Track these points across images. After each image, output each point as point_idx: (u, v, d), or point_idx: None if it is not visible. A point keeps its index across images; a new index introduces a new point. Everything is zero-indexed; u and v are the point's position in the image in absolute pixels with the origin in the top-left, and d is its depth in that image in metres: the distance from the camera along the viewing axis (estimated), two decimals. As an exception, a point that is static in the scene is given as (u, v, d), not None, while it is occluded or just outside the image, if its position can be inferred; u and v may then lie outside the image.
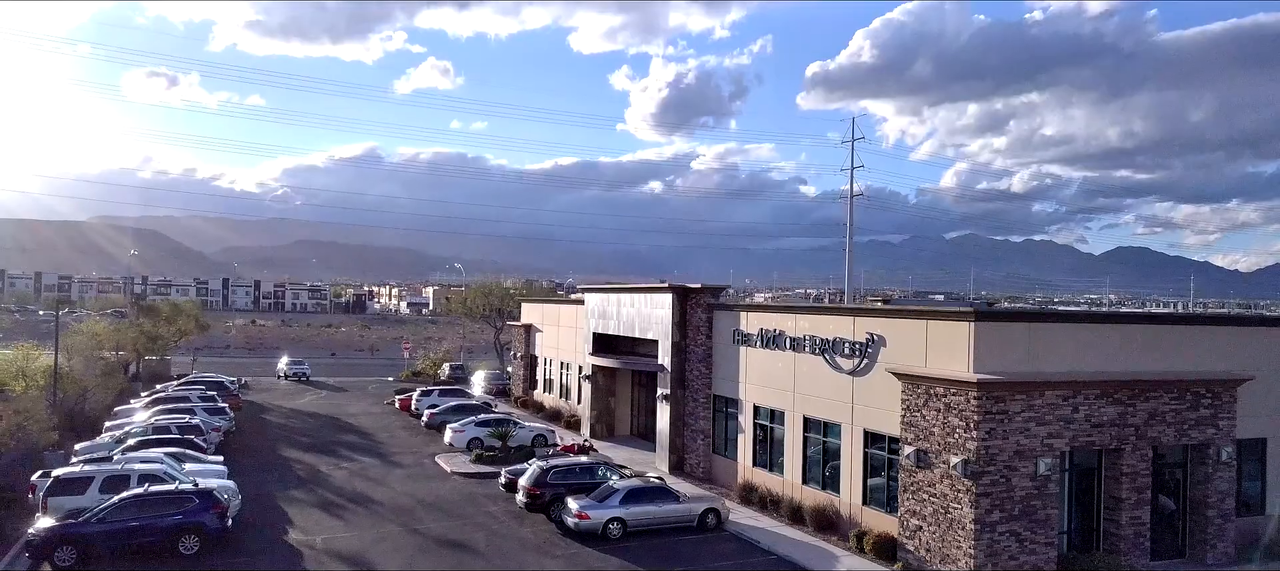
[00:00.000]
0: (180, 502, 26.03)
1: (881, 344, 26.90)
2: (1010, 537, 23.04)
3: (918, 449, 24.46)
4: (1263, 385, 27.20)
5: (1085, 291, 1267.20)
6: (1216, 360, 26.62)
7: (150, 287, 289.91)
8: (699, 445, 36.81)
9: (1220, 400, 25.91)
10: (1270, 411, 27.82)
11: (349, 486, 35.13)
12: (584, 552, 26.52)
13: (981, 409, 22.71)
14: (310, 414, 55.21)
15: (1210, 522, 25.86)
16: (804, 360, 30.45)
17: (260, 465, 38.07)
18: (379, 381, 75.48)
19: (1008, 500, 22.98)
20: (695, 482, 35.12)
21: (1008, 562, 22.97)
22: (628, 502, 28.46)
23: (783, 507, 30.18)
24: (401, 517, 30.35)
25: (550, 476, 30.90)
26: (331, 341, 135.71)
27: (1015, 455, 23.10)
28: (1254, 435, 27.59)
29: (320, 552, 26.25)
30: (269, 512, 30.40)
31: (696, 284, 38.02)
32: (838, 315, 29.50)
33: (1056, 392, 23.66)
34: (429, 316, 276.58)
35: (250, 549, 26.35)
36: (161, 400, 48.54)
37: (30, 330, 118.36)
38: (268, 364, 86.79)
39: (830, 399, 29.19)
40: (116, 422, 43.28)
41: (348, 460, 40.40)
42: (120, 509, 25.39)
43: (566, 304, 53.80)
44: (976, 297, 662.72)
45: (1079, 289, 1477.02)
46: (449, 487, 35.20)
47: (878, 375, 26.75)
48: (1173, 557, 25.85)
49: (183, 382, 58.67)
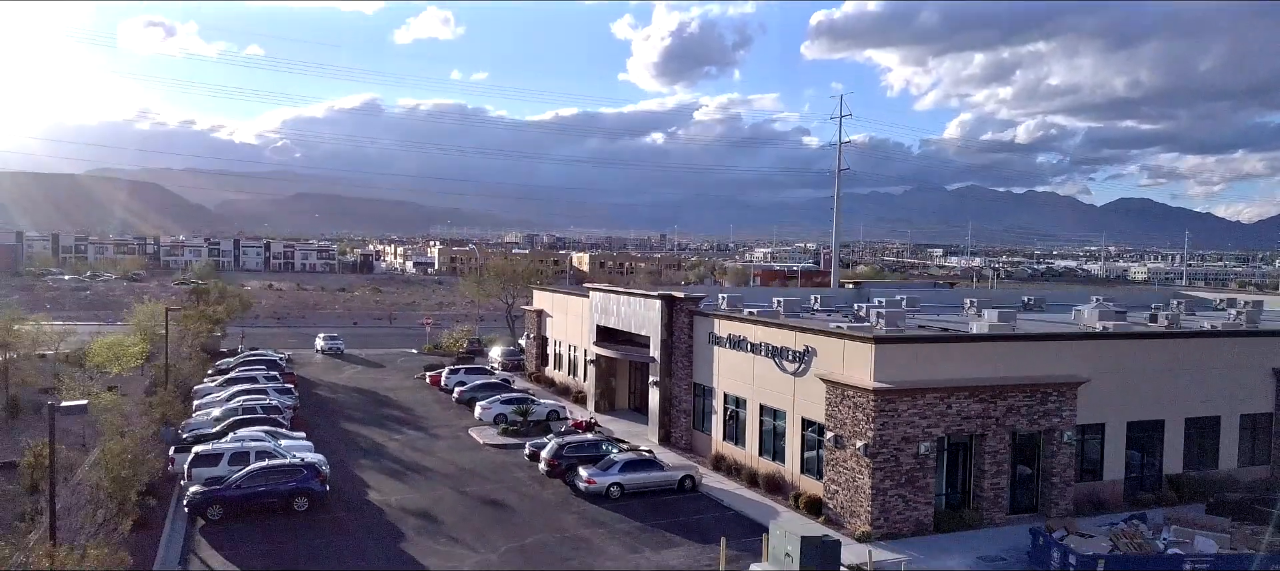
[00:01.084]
0: (294, 473, 35.14)
1: (814, 354, 35.82)
2: (898, 499, 32.13)
3: (836, 434, 33.48)
4: (1101, 384, 36.14)
5: (1085, 244, 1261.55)
6: (1063, 367, 35.55)
7: (164, 249, 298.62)
8: (682, 422, 45.91)
9: (1064, 397, 34.87)
10: (1107, 403, 36.78)
11: (404, 456, 44.31)
12: (592, 509, 35.65)
13: (878, 407, 31.67)
14: (355, 389, 64.33)
15: (1054, 487, 34.94)
16: (760, 361, 39.39)
17: (328, 438, 47.11)
18: (403, 354, 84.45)
19: (896, 472, 32.03)
20: (678, 452, 44.25)
21: (896, 517, 32.09)
22: (624, 471, 37.58)
23: (743, 474, 39.31)
24: (450, 481, 39.52)
25: (565, 450, 40.07)
26: (348, 308, 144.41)
27: (903, 440, 32.11)
28: (1095, 421, 36.61)
29: (397, 510, 35.40)
30: (348, 479, 39.50)
31: (681, 294, 46.96)
32: (784, 329, 38.33)
33: (934, 394, 32.62)
34: (435, 276, 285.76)
35: (345, 508, 35.50)
36: (233, 380, 57.46)
37: (76, 302, 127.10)
38: (297, 334, 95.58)
39: (779, 392, 38.17)
40: (203, 402, 52.32)
41: (397, 433, 49.57)
42: (252, 477, 34.51)
43: (573, 296, 62.46)
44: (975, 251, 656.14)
45: (1079, 241, 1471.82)
46: (483, 457, 44.37)
47: (811, 377, 35.67)
48: (1027, 511, 34.94)
49: (240, 361, 67.57)
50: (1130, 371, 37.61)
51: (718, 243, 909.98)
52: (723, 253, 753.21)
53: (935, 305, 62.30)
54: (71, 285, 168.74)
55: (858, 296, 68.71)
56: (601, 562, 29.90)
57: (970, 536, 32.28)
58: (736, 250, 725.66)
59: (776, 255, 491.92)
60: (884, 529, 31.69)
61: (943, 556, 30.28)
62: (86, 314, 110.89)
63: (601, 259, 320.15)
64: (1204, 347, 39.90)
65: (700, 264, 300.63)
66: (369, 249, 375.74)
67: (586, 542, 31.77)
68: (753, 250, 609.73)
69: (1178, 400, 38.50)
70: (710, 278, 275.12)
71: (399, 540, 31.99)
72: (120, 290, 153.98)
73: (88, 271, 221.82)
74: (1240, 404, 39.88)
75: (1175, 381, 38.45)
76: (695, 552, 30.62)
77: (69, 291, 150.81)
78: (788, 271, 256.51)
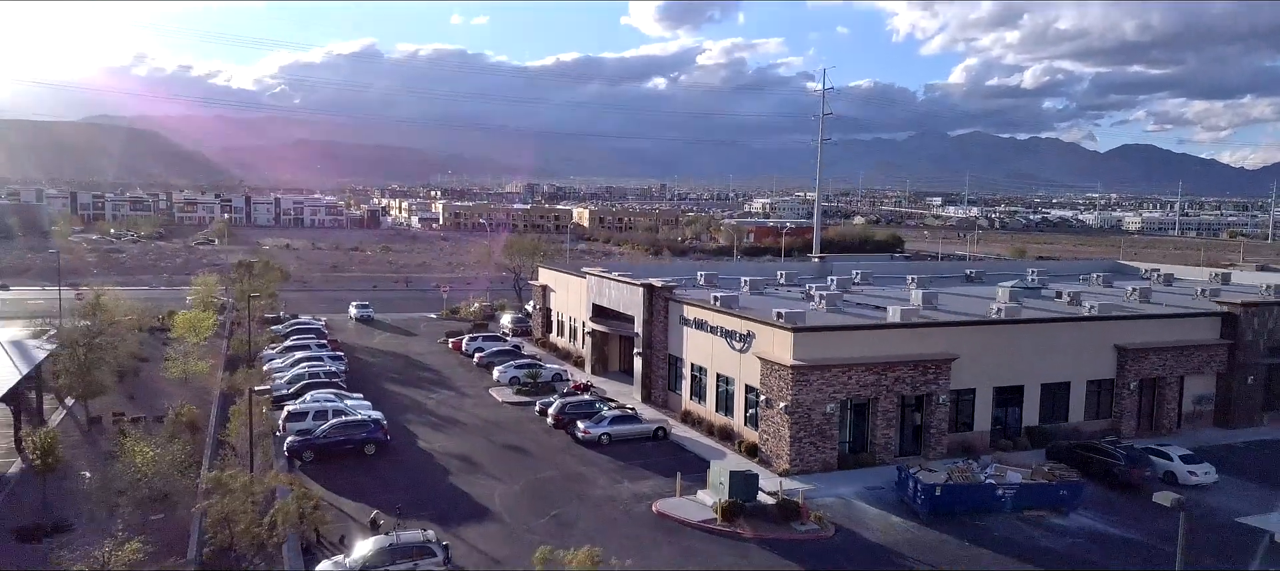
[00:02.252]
0: (364, 426, 46.99)
1: (754, 337, 47.44)
2: (810, 445, 43.97)
3: (766, 397, 45.23)
4: (972, 358, 47.79)
5: (1086, 192, 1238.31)
6: (940, 347, 47.19)
7: (176, 206, 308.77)
8: (659, 384, 57.70)
9: (939, 370, 46.56)
10: (977, 372, 48.47)
11: (441, 411, 56.19)
12: (587, 453, 47.50)
13: (795, 378, 43.34)
14: (388, 353, 76.14)
15: (933, 437, 46.76)
16: (717, 340, 51.02)
17: (377, 397, 58.76)
18: (423, 318, 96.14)
19: (809, 426, 43.81)
20: (656, 408, 56.07)
21: (809, 459, 43.92)
22: (612, 424, 49.41)
23: (704, 426, 51.17)
24: (481, 432, 51.43)
25: (567, 408, 51.92)
26: (366, 270, 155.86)
27: (814, 402, 43.84)
28: (967, 386, 48.34)
29: (442, 454, 47.28)
30: (400, 431, 51.29)
31: (660, 283, 58.47)
32: (733, 317, 49.88)
33: (838, 368, 44.28)
34: (440, 232, 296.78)
35: (403, 453, 47.35)
36: (290, 349, 69.13)
37: (116, 266, 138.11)
38: (324, 299, 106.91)
39: (730, 363, 49.87)
40: (271, 368, 64.00)
41: (432, 392, 61.44)
42: (334, 429, 46.34)
43: (574, 276, 73.79)
44: (973, 199, 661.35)
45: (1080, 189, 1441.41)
46: (503, 413, 56.26)
47: (752, 354, 47.32)
48: (912, 455, 46.73)
49: (290, 328, 79.21)
50: (996, 348, 49.33)
51: (718, 192, 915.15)
52: (722, 202, 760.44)
53: (885, 278, 74.25)
54: (104, 247, 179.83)
55: (821, 271, 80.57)
56: (593, 491, 41.80)
57: (863, 473, 44.16)
58: (736, 199, 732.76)
59: (774, 206, 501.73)
60: (799, 467, 43.57)
61: (839, 486, 42.18)
62: (131, 279, 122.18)
63: (601, 215, 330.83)
64: (1056, 329, 51.56)
65: (696, 220, 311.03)
66: (376, 203, 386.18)
67: (582, 477, 43.69)
68: (752, 200, 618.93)
69: (1035, 370, 50.26)
70: (706, 234, 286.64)
71: (447, 475, 43.93)
72: (153, 253, 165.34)
73: (110, 230, 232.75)
74: (1087, 372, 51.64)
75: (1032, 355, 50.17)
76: (660, 483, 42.50)
77: (105, 255, 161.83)
78: (780, 228, 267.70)
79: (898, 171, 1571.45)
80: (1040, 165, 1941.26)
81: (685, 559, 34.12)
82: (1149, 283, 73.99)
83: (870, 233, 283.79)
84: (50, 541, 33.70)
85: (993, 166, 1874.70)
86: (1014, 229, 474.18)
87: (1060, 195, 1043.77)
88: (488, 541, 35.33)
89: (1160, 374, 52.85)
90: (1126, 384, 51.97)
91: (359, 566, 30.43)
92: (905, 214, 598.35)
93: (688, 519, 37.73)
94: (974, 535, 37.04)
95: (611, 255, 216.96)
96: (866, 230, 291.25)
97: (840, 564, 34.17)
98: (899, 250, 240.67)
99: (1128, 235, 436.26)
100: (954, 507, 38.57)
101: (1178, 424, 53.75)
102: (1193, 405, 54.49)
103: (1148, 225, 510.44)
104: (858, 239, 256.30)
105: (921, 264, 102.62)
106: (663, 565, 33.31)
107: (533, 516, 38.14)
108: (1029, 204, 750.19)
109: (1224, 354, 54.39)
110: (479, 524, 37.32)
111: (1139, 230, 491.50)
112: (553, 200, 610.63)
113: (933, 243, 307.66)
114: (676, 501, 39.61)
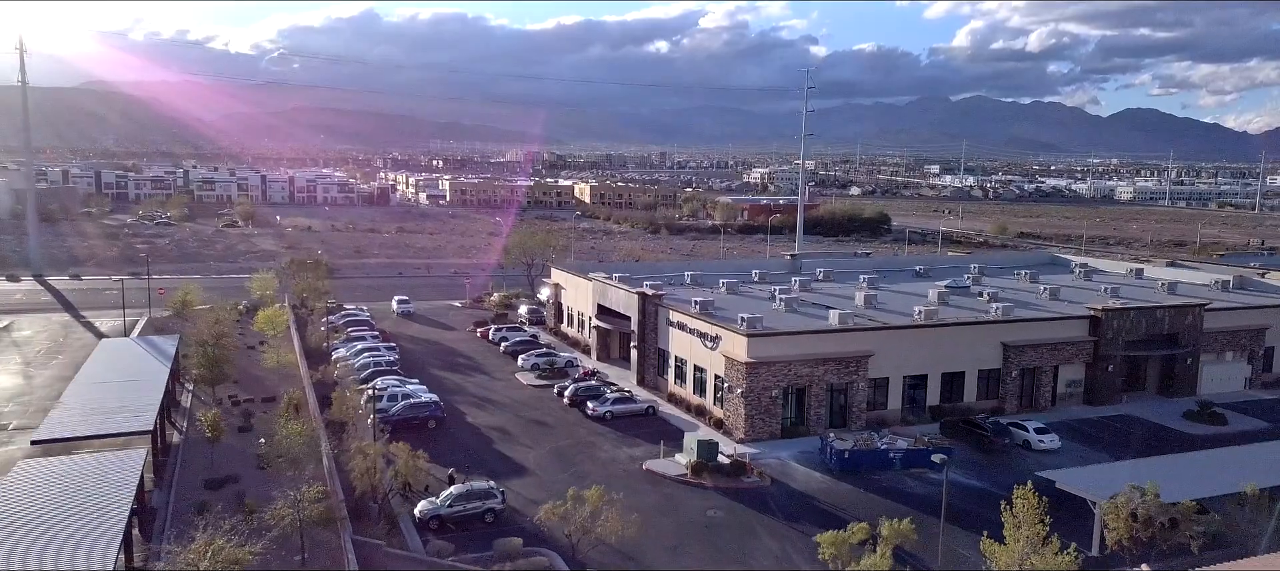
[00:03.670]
0: (426, 406, 62.41)
1: (720, 339, 62.73)
2: (760, 421, 59.40)
3: (728, 384, 60.63)
4: (886, 354, 63.08)
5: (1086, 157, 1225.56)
6: (860, 346, 62.47)
7: (196, 185, 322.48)
8: (651, 372, 73.06)
9: (859, 364, 61.89)
10: (890, 364, 63.75)
11: (479, 393, 71.59)
12: (595, 426, 62.91)
13: (748, 371, 58.67)
14: (427, 341, 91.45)
15: (854, 414, 62.18)
16: (694, 339, 66.31)
17: (428, 381, 74.04)
18: (449, 306, 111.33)
19: (758, 406, 59.21)
20: (647, 390, 71.42)
21: (759, 430, 59.33)
22: (614, 404, 64.86)
23: (684, 405, 66.57)
24: (512, 409, 66.85)
25: (578, 391, 67.35)
26: (386, 253, 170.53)
27: (763, 389, 59.21)
28: (882, 375, 63.68)
29: (484, 427, 62.72)
30: (451, 409, 66.59)
31: (651, 291, 73.63)
32: (706, 322, 65.07)
33: (782, 364, 59.61)
34: (448, 209, 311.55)
35: (455, 427, 62.76)
36: (349, 340, 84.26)
37: (164, 253, 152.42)
38: (359, 287, 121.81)
39: (703, 357, 65.18)
40: (337, 357, 79.14)
41: (470, 377, 76.82)
42: (405, 409, 61.76)
43: (582, 279, 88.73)
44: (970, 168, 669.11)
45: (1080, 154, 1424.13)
46: (527, 393, 71.66)
47: (719, 352, 62.60)
48: (839, 427, 62.05)
49: (343, 320, 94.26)
50: (906, 346, 64.69)
51: (718, 160, 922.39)
52: (722, 170, 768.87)
53: (845, 275, 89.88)
54: (149, 231, 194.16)
55: (793, 269, 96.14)
56: (600, 454, 57.25)
57: (799, 441, 59.59)
58: (735, 168, 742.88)
59: (773, 175, 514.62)
60: (752, 436, 59.03)
61: (779, 451, 57.65)
62: (184, 268, 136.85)
63: (602, 191, 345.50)
64: (955, 331, 66.85)
65: (693, 198, 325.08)
66: (385, 181, 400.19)
67: (592, 444, 59.15)
68: (751, 170, 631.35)
69: (937, 362, 65.61)
70: (702, 211, 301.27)
71: (491, 443, 59.43)
72: (195, 240, 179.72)
73: (139, 212, 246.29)
74: (980, 363, 66.98)
75: (936, 351, 65.53)
76: (649, 448, 57.93)
77: (150, 241, 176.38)
78: (773, 206, 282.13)
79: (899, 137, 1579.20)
80: (1043, 129, 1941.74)
81: (665, 500, 49.65)
82: (1071, 276, 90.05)
83: (860, 209, 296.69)
84: (230, 486, 49.11)
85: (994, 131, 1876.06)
86: (1007, 199, 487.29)
87: (1060, 161, 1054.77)
88: (527, 489, 50.84)
89: (1038, 364, 68.23)
90: (1011, 372, 67.34)
91: (448, 504, 45.90)
92: (902, 183, 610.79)
93: (667, 473, 53.27)
94: (869, 485, 52.53)
95: (612, 234, 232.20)
96: (855, 207, 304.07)
97: (770, 505, 49.67)
98: (885, 228, 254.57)
99: (1118, 206, 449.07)
100: (858, 466, 54.05)
101: (1053, 402, 69.20)
102: (1066, 388, 69.89)
103: (1140, 194, 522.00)
104: (846, 216, 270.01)
105: (882, 260, 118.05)
106: (648, 505, 48.80)
107: (557, 472, 53.66)
108: (1026, 172, 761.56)
109: (1090, 348, 69.75)
110: (519, 477, 52.86)
111: (1130, 200, 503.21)
112: (553, 169, 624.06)
113: (923, 216, 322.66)
114: (660, 461, 55.12)
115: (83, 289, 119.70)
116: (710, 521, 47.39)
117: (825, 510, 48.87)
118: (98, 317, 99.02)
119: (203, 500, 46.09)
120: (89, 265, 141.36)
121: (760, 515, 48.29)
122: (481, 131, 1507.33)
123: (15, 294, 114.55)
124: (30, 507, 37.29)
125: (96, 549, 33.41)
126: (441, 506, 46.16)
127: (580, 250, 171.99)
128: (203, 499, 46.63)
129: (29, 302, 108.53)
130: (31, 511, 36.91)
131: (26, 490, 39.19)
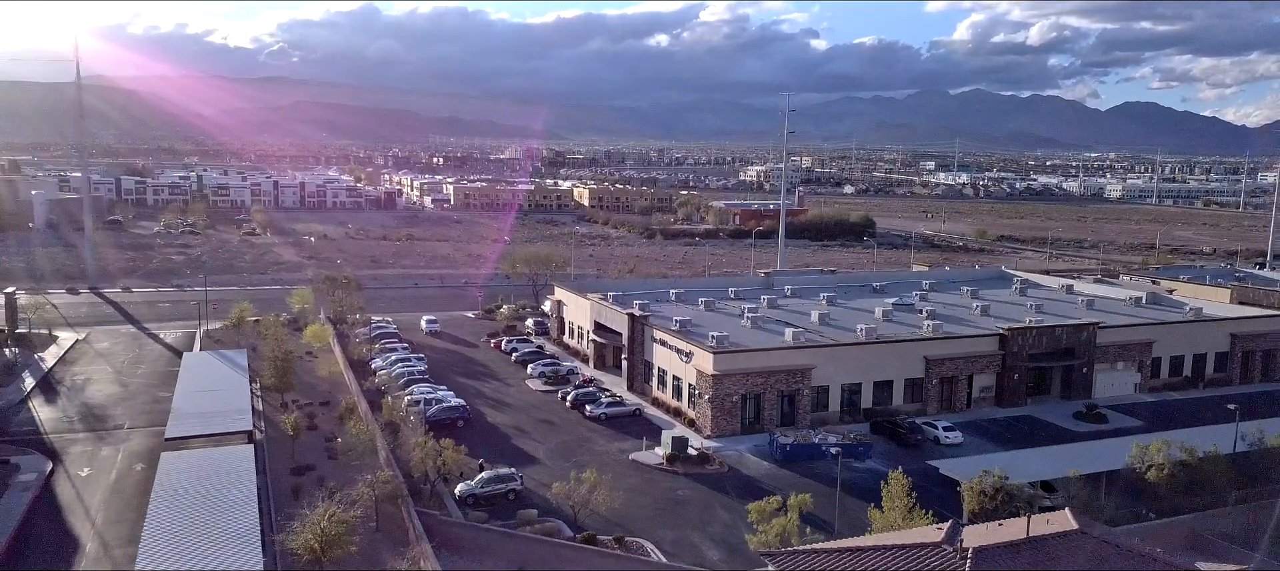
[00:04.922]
0: (456, 409, 77.43)
1: (693, 354, 77.72)
2: (724, 421, 74.40)
3: (698, 390, 75.67)
4: (826, 366, 78.02)
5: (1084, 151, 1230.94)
6: (805, 360, 77.46)
7: (211, 190, 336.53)
8: (639, 379, 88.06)
9: (805, 375, 76.93)
10: (831, 375, 78.74)
11: (496, 397, 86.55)
12: (593, 425, 77.84)
13: (714, 381, 73.72)
14: (448, 351, 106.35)
15: (800, 416, 77.20)
16: (673, 354, 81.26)
17: (451, 387, 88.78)
18: (463, 317, 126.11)
19: (722, 409, 74.26)
20: (636, 395, 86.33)
21: (723, 428, 74.33)
22: (608, 407, 79.91)
23: (665, 408, 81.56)
24: (525, 411, 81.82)
25: (579, 395, 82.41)
26: (400, 263, 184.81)
27: (726, 395, 74.26)
28: (824, 384, 78.71)
29: (503, 426, 77.68)
30: (474, 412, 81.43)
31: (638, 312, 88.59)
32: (683, 340, 79.98)
33: (742, 374, 74.67)
34: (453, 213, 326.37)
35: (482, 428, 77.67)
36: (383, 351, 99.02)
37: (201, 266, 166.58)
38: (382, 298, 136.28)
39: (680, 368, 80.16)
40: (375, 367, 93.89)
41: (487, 383, 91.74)
42: (439, 411, 76.66)
43: (582, 298, 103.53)
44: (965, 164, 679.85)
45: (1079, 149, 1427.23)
46: (536, 397, 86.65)
47: (692, 365, 77.57)
48: (788, 425, 76.94)
49: (374, 330, 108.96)
50: (845, 360, 79.76)
51: (716, 156, 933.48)
52: (719, 167, 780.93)
53: (810, 292, 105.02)
54: (177, 240, 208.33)
55: (766, 285, 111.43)
56: (596, 448, 72.22)
57: (754, 437, 74.49)
58: (732, 165, 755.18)
59: (769, 173, 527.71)
60: (717, 434, 74.03)
61: (738, 445, 72.64)
62: (220, 280, 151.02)
63: (599, 195, 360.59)
64: (885, 347, 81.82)
65: (688, 202, 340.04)
66: (390, 184, 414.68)
67: (589, 440, 74.17)
68: (749, 167, 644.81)
69: (870, 372, 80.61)
70: (696, 214, 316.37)
71: (509, 438, 74.42)
72: (225, 252, 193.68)
73: (164, 220, 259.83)
74: (906, 373, 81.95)
75: (869, 363, 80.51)
76: (636, 443, 72.89)
77: (183, 250, 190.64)
78: (763, 211, 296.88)
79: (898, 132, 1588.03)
80: (1042, 123, 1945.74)
81: (645, 483, 64.69)
82: (1009, 292, 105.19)
83: (846, 212, 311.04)
84: (309, 473, 64.01)
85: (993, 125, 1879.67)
86: (998, 197, 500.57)
87: (1058, 155, 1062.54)
88: (539, 474, 65.82)
89: (954, 374, 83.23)
90: (932, 380, 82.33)
91: (480, 486, 60.89)
92: (896, 181, 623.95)
93: (647, 463, 68.32)
94: (805, 472, 67.49)
95: (609, 239, 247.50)
96: (842, 210, 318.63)
97: (726, 487, 64.69)
98: (870, 232, 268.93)
99: (1105, 204, 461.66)
100: (797, 457, 69.05)
101: (968, 405, 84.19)
102: (980, 393, 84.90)
103: (1129, 192, 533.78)
104: (832, 220, 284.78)
105: (845, 277, 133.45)
106: (632, 486, 63.76)
107: (562, 461, 68.64)
108: (1022, 168, 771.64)
109: (999, 360, 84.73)
110: (533, 465, 67.85)
111: (1119, 198, 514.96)
112: (552, 166, 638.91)
113: (910, 217, 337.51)
114: (643, 453, 70.16)
115: (136, 301, 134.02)
116: (679, 499, 62.42)
117: (767, 490, 63.54)
118: (160, 329, 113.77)
119: (295, 483, 61.04)
120: (135, 277, 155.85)
121: (718, 494, 63.33)
122: (481, 126, 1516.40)
123: (80, 307, 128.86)
124: (188, 486, 52.24)
125: (243, 513, 48.40)
126: (475, 487, 61.10)
127: (579, 258, 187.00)
128: (293, 483, 61.55)
129: (94, 316, 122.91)
130: (190, 489, 51.83)
131: (180, 475, 54.17)
